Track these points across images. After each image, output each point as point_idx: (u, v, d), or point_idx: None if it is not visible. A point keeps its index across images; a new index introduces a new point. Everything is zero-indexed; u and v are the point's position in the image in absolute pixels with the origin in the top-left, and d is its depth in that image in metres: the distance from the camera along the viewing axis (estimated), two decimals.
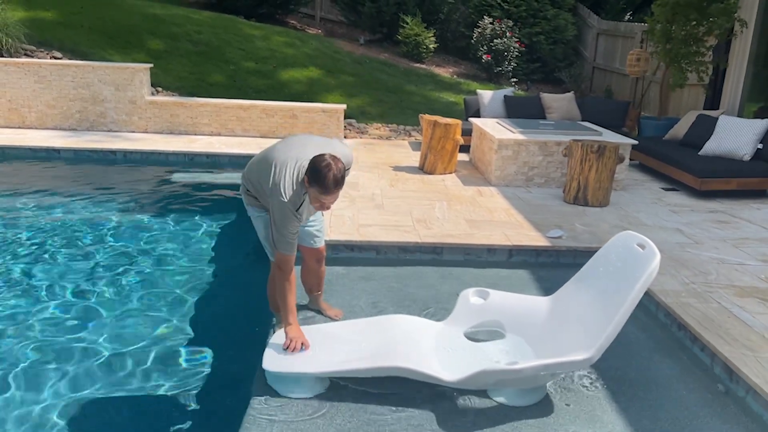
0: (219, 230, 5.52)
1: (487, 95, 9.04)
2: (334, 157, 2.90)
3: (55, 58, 9.51)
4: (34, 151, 7.67)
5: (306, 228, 3.50)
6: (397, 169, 7.44)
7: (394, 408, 2.95)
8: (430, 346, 3.30)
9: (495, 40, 13.20)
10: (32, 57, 9.33)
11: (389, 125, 10.00)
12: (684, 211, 6.23)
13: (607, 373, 3.35)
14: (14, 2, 10.18)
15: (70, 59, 9.45)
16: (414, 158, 8.03)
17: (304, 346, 3.12)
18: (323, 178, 2.83)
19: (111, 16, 11.31)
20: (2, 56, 8.97)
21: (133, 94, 8.76)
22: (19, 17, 9.80)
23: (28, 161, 7.45)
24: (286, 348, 3.08)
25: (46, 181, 6.74)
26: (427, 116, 7.52)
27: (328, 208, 3.00)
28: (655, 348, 3.69)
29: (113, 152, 7.78)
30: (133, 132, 8.82)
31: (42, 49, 9.61)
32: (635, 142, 7.06)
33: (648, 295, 4.08)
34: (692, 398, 3.19)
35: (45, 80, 8.63)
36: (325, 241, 3.74)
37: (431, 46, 13.75)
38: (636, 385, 3.28)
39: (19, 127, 8.70)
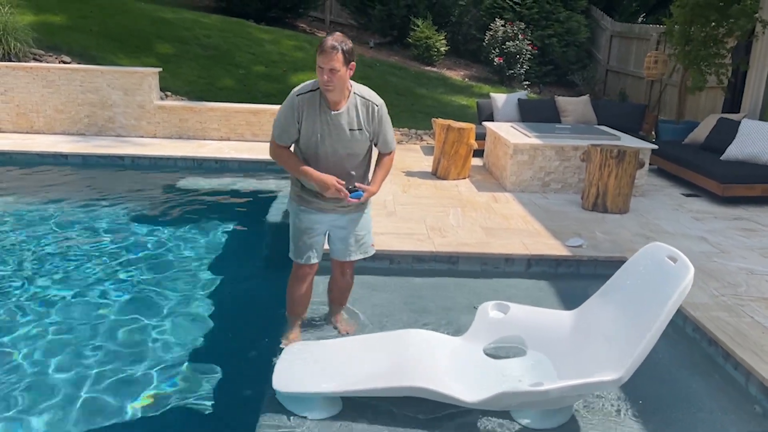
0: (227, 236, 5.39)
1: (500, 98, 8.87)
2: (344, 35, 3.03)
3: (64, 62, 9.43)
4: (42, 156, 7.57)
5: (335, 238, 3.45)
6: (409, 174, 7.28)
7: (410, 429, 2.79)
8: (448, 363, 3.14)
9: (507, 43, 13.02)
10: (41, 61, 9.25)
11: (400, 129, 9.85)
12: (707, 218, 6.03)
13: (635, 392, 3.17)
14: (23, 6, 10.12)
15: (78, 63, 9.37)
16: (426, 163, 7.87)
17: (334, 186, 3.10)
18: (322, 41, 2.98)
19: (120, 20, 11.24)
20: (11, 60, 8.90)
21: (141, 99, 8.65)
22: (28, 21, 9.73)
23: (36, 167, 7.36)
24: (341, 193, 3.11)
25: (53, 187, 6.63)
26: (440, 120, 7.37)
27: (327, 80, 2.95)
28: (684, 365, 3.51)
29: (121, 157, 7.67)
30: (142, 137, 8.71)
31: (51, 54, 9.53)
32: (655, 146, 6.87)
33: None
34: (727, 420, 3.01)
35: (53, 85, 8.54)
36: None
37: (442, 48, 13.60)
38: (665, 405, 3.10)
39: (27, 132, 8.61)
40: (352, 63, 3.01)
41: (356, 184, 3.23)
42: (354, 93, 3.13)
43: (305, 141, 3.15)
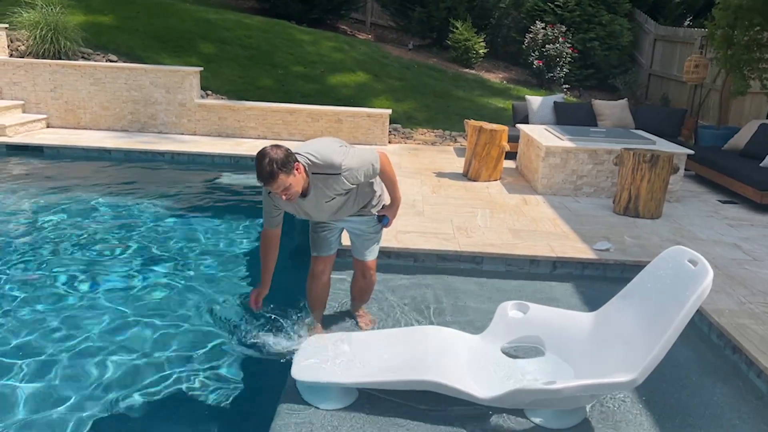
0: (259, 230, 5.52)
1: (536, 101, 8.83)
2: (274, 147, 2.84)
3: (110, 61, 9.77)
4: (87, 150, 7.88)
5: (353, 236, 3.53)
6: (440, 175, 7.31)
7: (423, 424, 2.84)
8: (465, 360, 3.17)
9: (547, 46, 12.90)
10: (89, 60, 9.60)
11: (435, 130, 9.89)
12: (742, 225, 5.90)
13: (653, 396, 3.15)
14: (74, 7, 10.51)
15: (124, 62, 9.69)
16: (458, 164, 7.89)
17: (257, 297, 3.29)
18: (257, 170, 2.84)
19: (165, 21, 11.57)
20: (61, 59, 9.26)
21: (183, 97, 8.91)
22: (78, 21, 10.12)
23: (80, 161, 7.65)
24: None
25: (96, 180, 6.89)
26: (472, 122, 7.38)
27: (287, 197, 2.89)
28: (706, 371, 3.46)
29: (161, 153, 7.91)
30: (182, 134, 8.96)
31: (98, 53, 9.88)
32: (691, 151, 6.75)
33: (700, 314, 3.85)
34: (746, 429, 2.96)
35: (100, 82, 8.86)
36: None
37: (481, 51, 13.56)
38: (684, 410, 3.07)
39: (74, 128, 8.96)
40: (296, 164, 2.86)
41: (378, 214, 3.45)
42: (312, 175, 2.98)
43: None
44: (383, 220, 3.48)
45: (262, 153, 2.82)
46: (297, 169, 2.86)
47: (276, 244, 3.26)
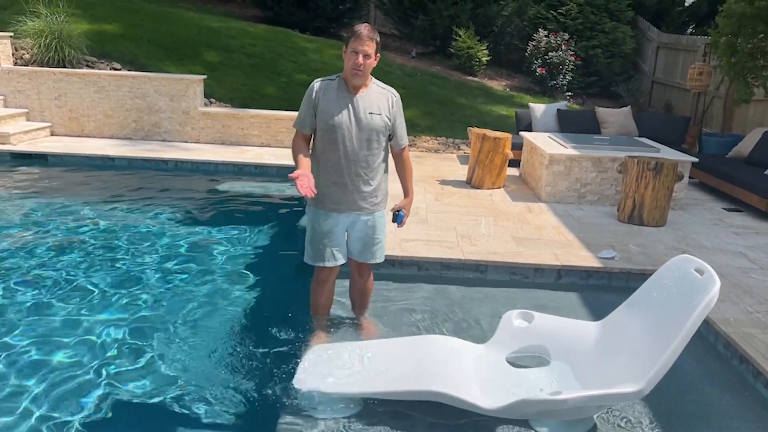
0: (262, 239, 5.51)
1: (539, 109, 8.83)
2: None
3: (114, 69, 9.80)
4: (91, 158, 7.89)
5: (354, 238, 3.49)
6: (443, 182, 7.30)
7: None
8: (469, 370, 3.15)
9: (550, 53, 12.92)
10: (93, 68, 9.64)
11: (438, 138, 9.89)
12: (748, 233, 5.87)
13: (660, 406, 3.12)
14: (78, 15, 10.56)
15: (128, 70, 9.72)
16: (462, 172, 7.88)
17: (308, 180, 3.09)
18: (356, 28, 3.19)
19: (170, 29, 11.62)
20: (65, 67, 9.30)
21: (186, 105, 8.92)
22: (83, 30, 10.16)
23: (84, 169, 7.66)
24: (296, 177, 3.09)
25: (98, 187, 6.89)
26: (475, 129, 7.38)
27: (360, 64, 3.16)
28: (713, 381, 3.43)
29: (165, 161, 7.92)
30: (186, 142, 8.97)
31: (103, 61, 9.92)
32: (695, 159, 6.73)
33: (706, 324, 3.82)
34: None
35: (104, 90, 8.89)
36: None
37: (484, 59, 13.58)
38: (691, 421, 3.05)
39: (78, 136, 8.98)
40: (378, 54, 3.26)
41: (394, 210, 3.50)
42: (373, 82, 3.36)
43: (323, 124, 3.27)
44: (398, 217, 3.48)
45: (365, 25, 3.26)
46: (377, 58, 3.25)
47: (307, 147, 3.38)
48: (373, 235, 3.49)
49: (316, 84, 3.32)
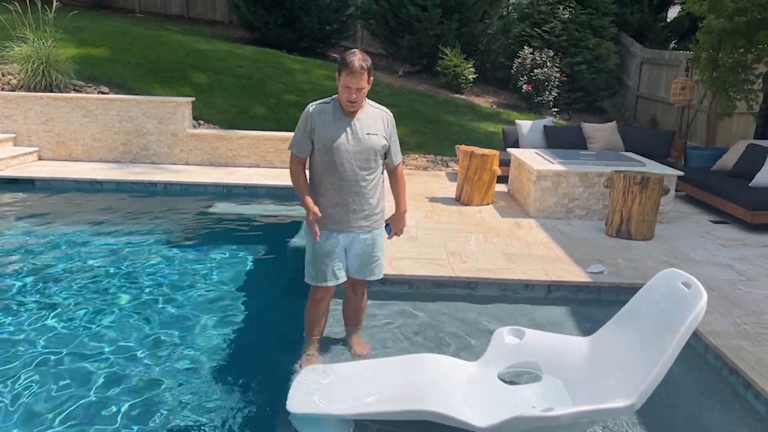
0: (253, 260, 5.50)
1: (526, 125, 8.91)
2: (363, 53, 3.25)
3: (102, 92, 9.81)
4: (79, 182, 7.86)
5: (351, 255, 3.50)
6: (433, 200, 7.34)
7: None
8: (462, 388, 3.15)
9: (535, 70, 13.08)
10: (80, 92, 9.64)
11: (427, 155, 9.95)
12: (735, 245, 5.93)
13: (652, 420, 3.13)
14: (66, 40, 10.58)
15: (116, 94, 9.73)
16: (451, 189, 7.92)
17: (315, 215, 3.27)
18: (349, 61, 3.14)
19: (157, 51, 11.65)
20: (52, 91, 9.29)
21: (175, 127, 8.93)
22: (71, 54, 10.17)
23: (73, 192, 7.63)
24: (314, 221, 3.27)
25: (87, 212, 6.86)
26: (463, 147, 7.43)
27: (354, 98, 3.19)
28: (704, 394, 3.45)
29: (154, 184, 7.91)
30: (175, 164, 8.97)
31: (90, 85, 9.93)
32: (681, 173, 6.81)
33: (696, 336, 3.85)
34: None
35: (92, 114, 8.88)
36: None
37: (470, 76, 13.71)
38: None
39: (66, 160, 8.95)
40: (372, 78, 3.26)
41: (386, 222, 3.59)
42: (367, 102, 3.38)
43: (322, 147, 3.29)
44: (386, 229, 3.58)
45: (355, 52, 3.22)
46: (370, 80, 3.24)
47: (304, 169, 3.45)
48: (371, 253, 3.50)
49: (311, 107, 3.34)
